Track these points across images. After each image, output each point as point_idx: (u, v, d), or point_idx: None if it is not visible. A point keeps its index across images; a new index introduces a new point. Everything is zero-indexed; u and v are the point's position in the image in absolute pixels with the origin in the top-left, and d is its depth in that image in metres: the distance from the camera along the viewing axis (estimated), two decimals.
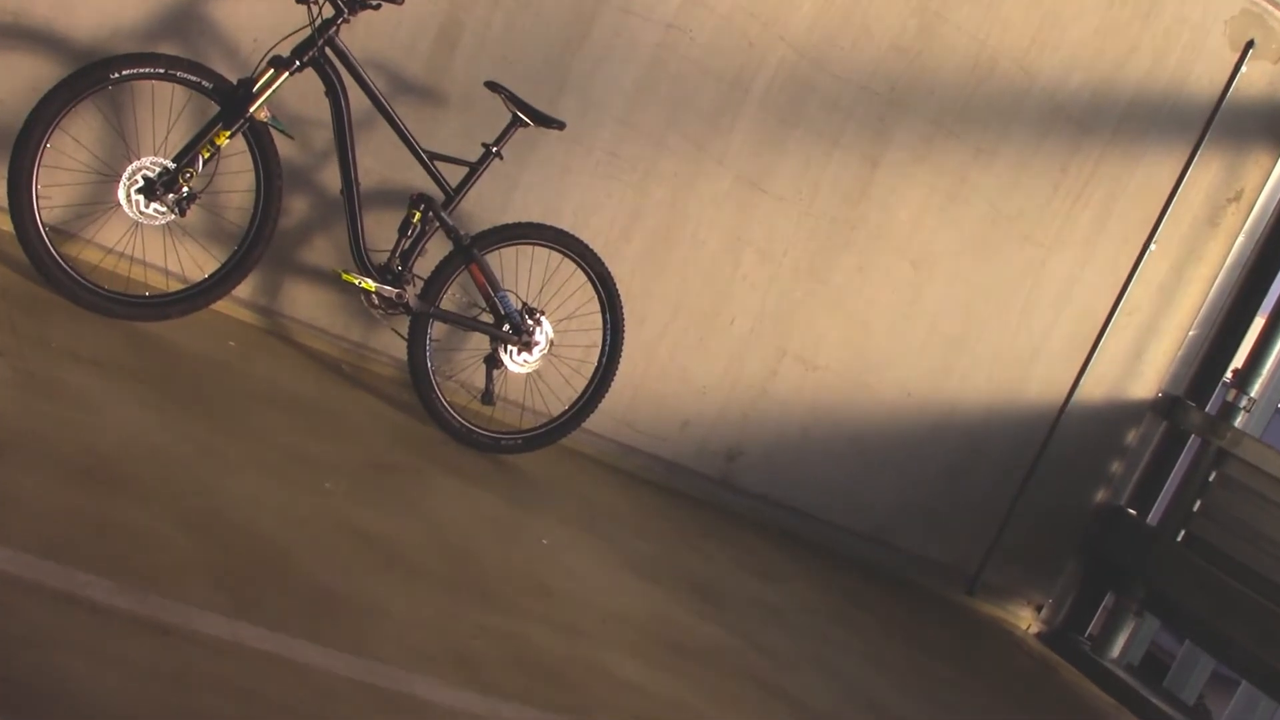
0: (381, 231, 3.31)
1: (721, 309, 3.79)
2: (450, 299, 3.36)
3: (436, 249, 3.30)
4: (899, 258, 3.89)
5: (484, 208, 3.46)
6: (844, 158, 3.74)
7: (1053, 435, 4.05)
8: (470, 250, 3.21)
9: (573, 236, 3.33)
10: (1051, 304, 4.01)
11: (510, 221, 3.33)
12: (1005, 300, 3.98)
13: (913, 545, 4.09)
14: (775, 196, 3.75)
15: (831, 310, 3.88)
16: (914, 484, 4.05)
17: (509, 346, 3.27)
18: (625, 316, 3.44)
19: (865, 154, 3.75)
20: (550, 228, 3.31)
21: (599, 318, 3.40)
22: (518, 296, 3.35)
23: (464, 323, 3.29)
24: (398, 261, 3.16)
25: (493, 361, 3.32)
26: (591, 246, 3.38)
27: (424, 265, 3.27)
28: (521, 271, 3.43)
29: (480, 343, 3.39)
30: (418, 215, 3.16)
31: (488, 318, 3.30)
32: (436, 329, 3.32)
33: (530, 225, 3.30)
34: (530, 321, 3.28)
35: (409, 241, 3.18)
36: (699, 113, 3.59)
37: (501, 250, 3.31)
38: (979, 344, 3.98)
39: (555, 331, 3.34)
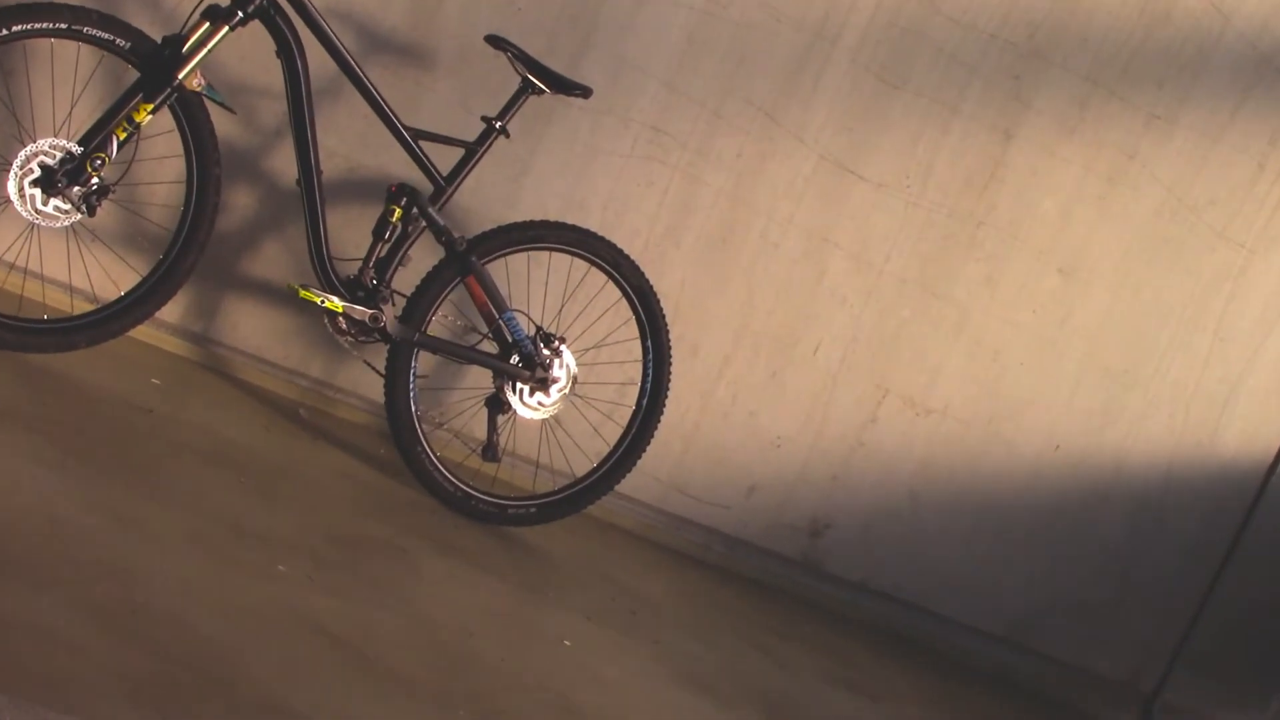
0: (351, 234, 3.38)
1: (801, 334, 3.83)
2: (441, 322, 3.40)
3: (423, 257, 3.34)
4: (1041, 263, 3.90)
5: (485, 202, 3.53)
6: (966, 130, 3.75)
7: (1260, 502, 4.00)
8: (467, 258, 3.25)
9: (602, 239, 3.38)
10: (1256, 324, 3.97)
11: (520, 220, 3.36)
12: (1191, 319, 3.95)
13: (1063, 651, 4.07)
14: (873, 183, 3.77)
15: (950, 335, 3.90)
16: (1064, 568, 4.04)
17: (519, 385, 3.31)
18: (672, 344, 3.48)
19: (995, 125, 3.75)
20: (572, 228, 3.35)
21: (637, 346, 3.46)
22: (530, 319, 3.39)
23: (460, 354, 3.33)
24: (372, 273, 3.20)
25: (497, 404, 3.35)
26: (626, 252, 3.42)
27: (407, 278, 3.31)
28: (535, 286, 3.48)
29: (481, 379, 3.43)
30: (398, 213, 3.19)
31: (491, 347, 3.33)
32: (423, 361, 3.36)
33: (546, 225, 3.32)
34: (546, 352, 3.33)
35: (387, 247, 3.22)
36: (770, 72, 3.61)
37: (509, 258, 3.36)
38: (1153, 379, 3.97)
39: (579, 365, 3.39)
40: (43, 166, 2.77)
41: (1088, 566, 4.03)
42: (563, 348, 3.37)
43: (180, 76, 2.90)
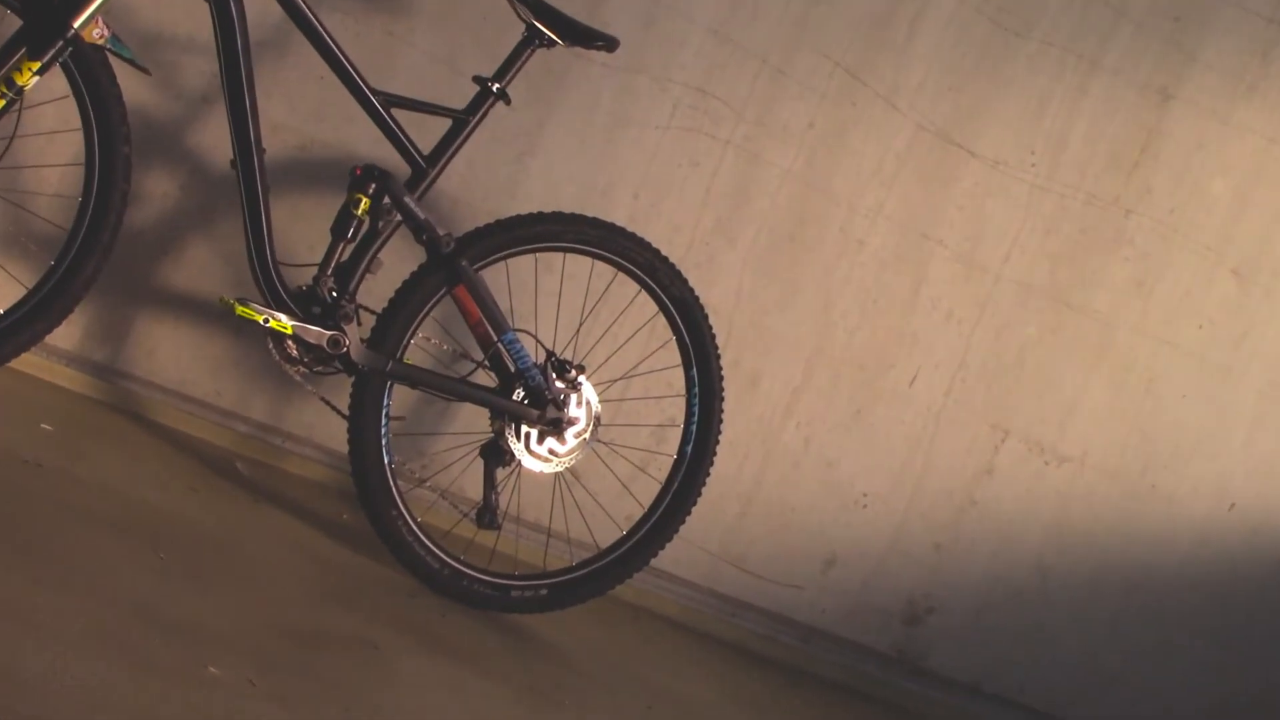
0: (303, 232, 3.40)
1: (893, 359, 3.84)
2: (423, 347, 3.42)
3: (398, 261, 3.34)
4: (1210, 264, 3.89)
5: (480, 190, 3.57)
6: (1110, 90, 3.74)
7: None
8: (456, 263, 3.23)
9: (632, 237, 3.36)
10: None
11: (525, 213, 3.32)
12: None
13: None
14: (987, 160, 3.78)
15: (1090, 359, 3.90)
16: (1245, 667, 4.03)
17: (524, 428, 3.29)
18: (726, 374, 3.47)
19: (1148, 83, 3.76)
20: (593, 222, 3.32)
21: (679, 376, 3.45)
22: (539, 342, 3.37)
23: (447, 388, 3.32)
24: (331, 283, 3.18)
25: (497, 454, 3.34)
26: (664, 254, 3.40)
27: (377, 290, 3.31)
28: (545, 299, 3.51)
29: (475, 421, 3.42)
30: (365, 203, 3.16)
31: (488, 379, 3.33)
32: (399, 398, 3.36)
33: (559, 219, 3.30)
34: (560, 385, 3.31)
35: (351, 249, 3.19)
36: (852, 15, 3.62)
37: (510, 262, 3.36)
38: None
39: (603, 402, 3.38)
40: None
41: (1276, 656, 4.05)
42: (581, 380, 3.34)
43: (76, 25, 2.87)
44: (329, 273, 3.17)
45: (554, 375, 3.31)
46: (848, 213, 3.76)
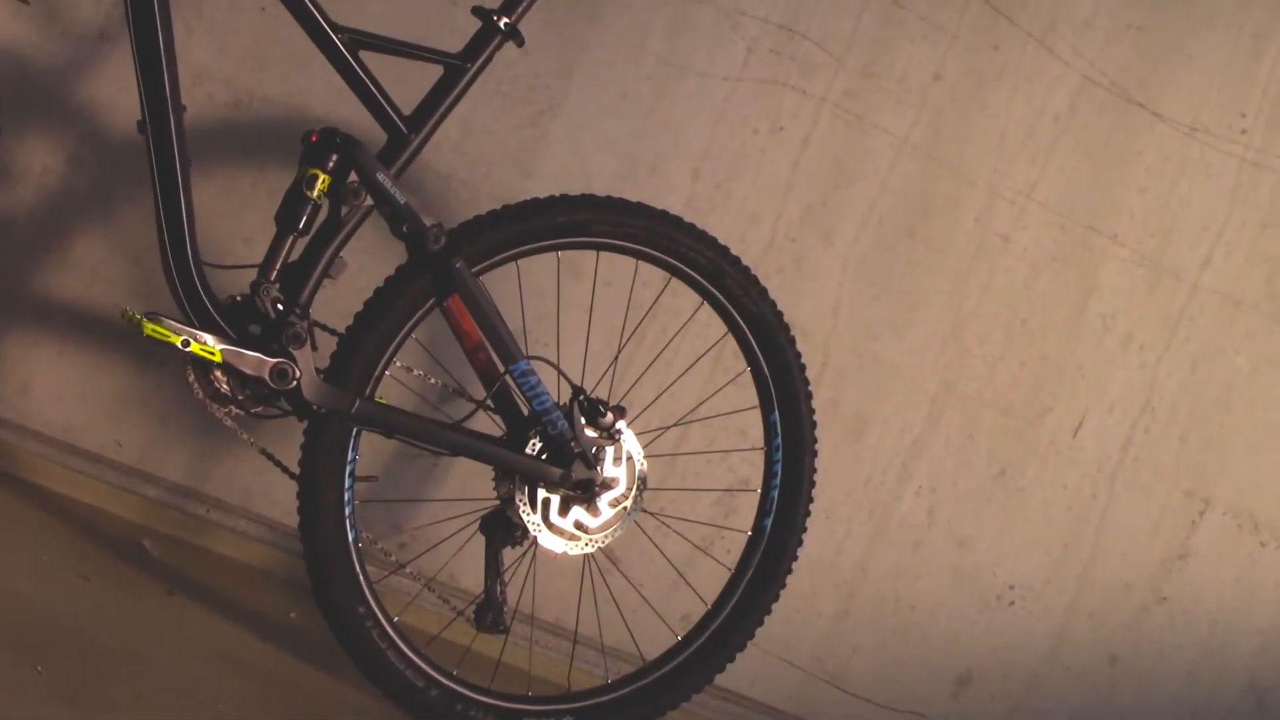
0: (237, 221, 3.47)
1: (1050, 399, 3.86)
2: (401, 379, 3.45)
3: (369, 262, 3.41)
4: None
5: (482, 163, 3.62)
6: None
7: None
8: (449, 264, 3.22)
9: (692, 231, 3.36)
10: None
11: (543, 196, 3.30)
12: None
13: None
14: (1180, 126, 3.79)
15: None
16: None
17: (542, 492, 3.29)
18: (820, 419, 3.45)
19: None
20: (638, 210, 3.32)
21: (755, 422, 3.45)
22: (562, 374, 3.35)
23: (434, 437, 3.30)
24: (276, 293, 3.15)
25: (504, 529, 3.35)
26: (735, 254, 3.38)
27: (339, 301, 3.36)
28: (572, 314, 3.56)
29: (473, 483, 3.44)
30: (323, 181, 3.13)
31: (491, 427, 3.32)
32: (368, 450, 3.40)
33: (590, 205, 3.31)
34: (592, 433, 3.31)
35: (303, 244, 3.17)
36: None
37: (524, 264, 3.35)
38: None
39: (650, 457, 3.37)
40: None
41: None
42: (621, 427, 3.32)
43: None
44: (273, 277, 3.14)
45: (583, 420, 3.30)
46: (987, 198, 3.76)
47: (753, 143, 3.71)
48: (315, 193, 3.17)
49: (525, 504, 3.31)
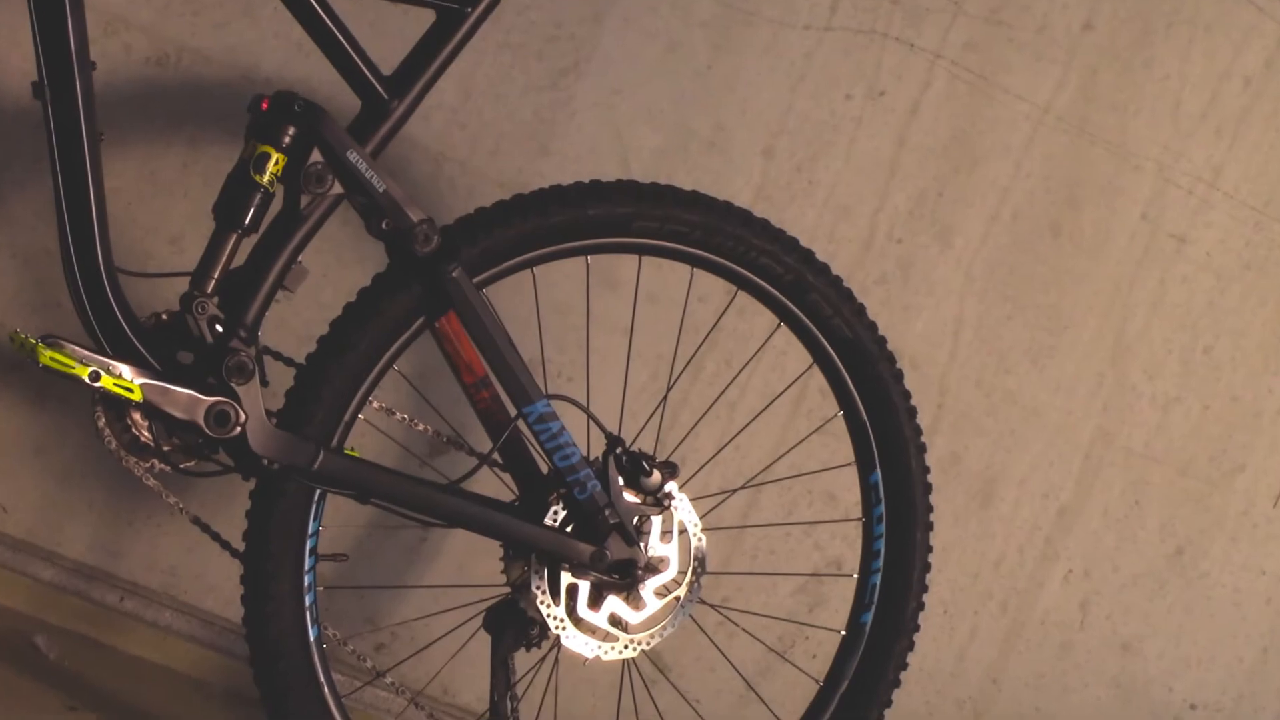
0: (164, 215, 3.50)
1: (1241, 454, 3.90)
2: (377, 424, 3.45)
3: (337, 270, 3.49)
4: None
5: (487, 139, 3.66)
6: None
7: None
8: (442, 272, 3.20)
9: (764, 228, 3.33)
10: None
11: (566, 184, 3.28)
12: None
13: None
14: None
15: None
16: None
17: (567, 577, 3.26)
18: (934, 480, 3.40)
19: None
20: (692, 200, 3.30)
21: (850, 484, 3.43)
22: (593, 419, 3.28)
23: (422, 503, 3.25)
24: (213, 308, 3.11)
25: (515, 625, 3.30)
26: (822, 260, 3.35)
27: (298, 320, 3.44)
28: (606, 337, 3.63)
29: (474, 563, 3.49)
30: (276, 161, 3.08)
31: (501, 486, 3.32)
32: (334, 520, 3.38)
33: (629, 194, 3.29)
34: (634, 499, 3.28)
35: (249, 244, 3.14)
36: None
37: (543, 270, 3.33)
38: None
39: (710, 529, 3.34)
40: None
41: None
42: (672, 490, 3.28)
43: None
44: (210, 289, 3.09)
45: (622, 481, 3.26)
46: (1157, 184, 3.77)
47: (844, 111, 3.72)
48: (266, 177, 3.10)
49: (545, 593, 3.25)
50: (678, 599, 3.30)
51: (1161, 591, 3.88)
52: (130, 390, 3.03)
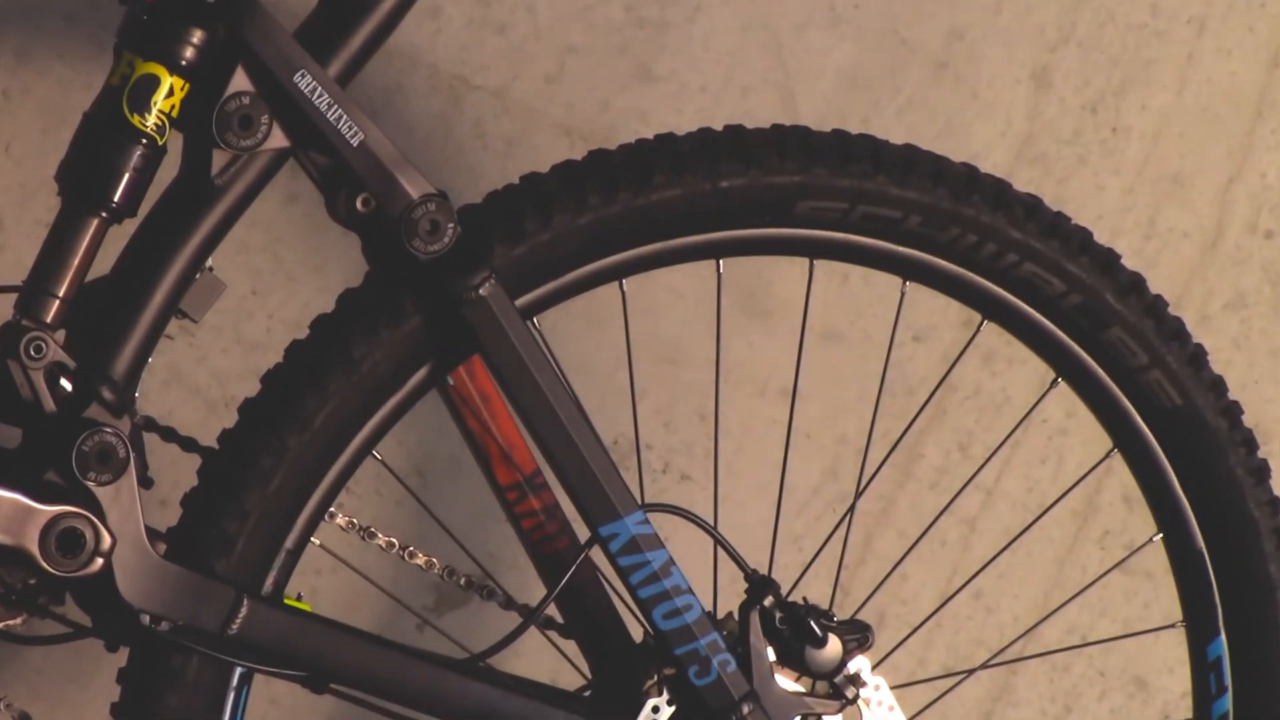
0: None
1: None
2: (336, 555, 3.35)
3: (275, 277, 3.62)
4: None
5: (535, 60, 3.77)
6: None
7: None
8: (460, 285, 2.96)
9: (1031, 212, 3.17)
10: None
11: (681, 132, 3.11)
12: None
13: None
14: None
15: None
16: None
17: None
18: None
19: None
20: (901, 163, 3.11)
21: (1175, 658, 3.70)
22: (725, 544, 3.11)
23: (419, 692, 3.11)
24: (53, 350, 2.93)
25: None
26: (1133, 271, 3.20)
27: (205, 368, 3.58)
28: (742, 397, 3.74)
29: None
30: (170, 87, 2.90)
31: (565, 665, 3.38)
32: (269, 713, 3.65)
33: (796, 149, 3.09)
34: (795, 685, 3.11)
35: (125, 235, 2.98)
36: None
37: (633, 281, 3.17)
38: None
39: None
40: None
41: None
42: (863, 670, 3.10)
43: None
44: (50, 318, 2.92)
45: (774, 655, 3.08)
46: None
47: (1177, 8, 3.80)
48: (152, 119, 2.87)
49: None
50: None
51: None
52: None
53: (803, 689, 2.99)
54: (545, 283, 2.94)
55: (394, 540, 3.15)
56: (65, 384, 2.81)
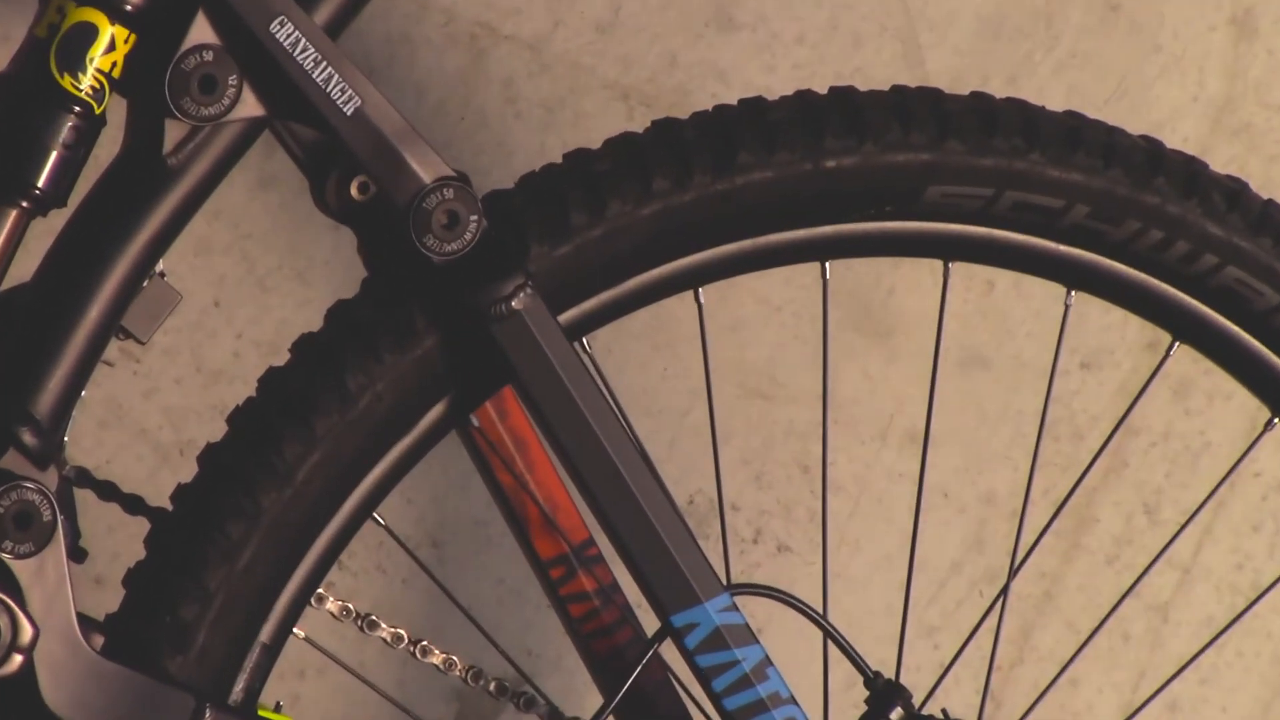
0: None
1: None
2: (326, 651, 3.21)
3: (247, 287, 3.69)
4: None
5: (583, 3, 3.84)
6: None
7: None
8: (486, 297, 2.86)
9: (1234, 200, 3.12)
10: None
11: (772, 97, 3.02)
12: None
13: None
14: None
15: None
16: None
17: None
18: None
19: None
20: (1066, 139, 3.05)
21: None
22: (838, 638, 3.04)
23: None
24: None
25: None
26: None
27: (154, 403, 3.66)
28: (860, 447, 3.81)
29: None
30: (113, 39, 2.87)
31: None
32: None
33: (920, 113, 3.00)
34: None
35: (52, 231, 3.02)
36: None
37: (711, 289, 3.10)
38: None
39: None
40: None
41: None
42: None
43: None
44: None
45: None
46: None
47: None
48: (86, 80, 2.77)
49: None
50: None
51: None
52: None
53: None
54: (597, 293, 2.75)
55: (402, 631, 3.06)
56: None
